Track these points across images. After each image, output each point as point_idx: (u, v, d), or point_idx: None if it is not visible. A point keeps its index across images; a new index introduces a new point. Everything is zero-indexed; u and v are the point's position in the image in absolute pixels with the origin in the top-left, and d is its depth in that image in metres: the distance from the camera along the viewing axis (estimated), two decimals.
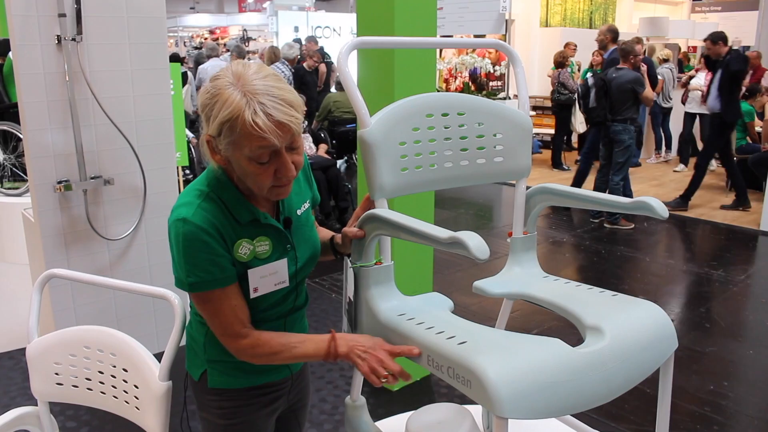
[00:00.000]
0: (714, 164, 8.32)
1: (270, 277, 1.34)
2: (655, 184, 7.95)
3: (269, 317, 1.41)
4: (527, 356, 1.11)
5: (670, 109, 8.93)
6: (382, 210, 1.32)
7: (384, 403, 2.99)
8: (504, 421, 1.05)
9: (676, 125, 9.07)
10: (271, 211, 1.37)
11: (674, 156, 9.33)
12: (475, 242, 1.03)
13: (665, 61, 8.79)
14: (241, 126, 1.15)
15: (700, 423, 2.90)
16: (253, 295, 1.32)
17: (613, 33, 7.13)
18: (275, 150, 1.19)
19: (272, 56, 7.62)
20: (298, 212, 1.42)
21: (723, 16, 13.26)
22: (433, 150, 1.44)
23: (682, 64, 11.20)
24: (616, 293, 1.39)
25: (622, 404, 2.96)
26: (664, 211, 1.32)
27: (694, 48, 13.79)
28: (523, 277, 1.58)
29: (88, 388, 1.62)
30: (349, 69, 1.33)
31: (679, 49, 11.76)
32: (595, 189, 6.02)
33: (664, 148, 9.27)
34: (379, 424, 1.76)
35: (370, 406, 1.67)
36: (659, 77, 8.58)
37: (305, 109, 1.27)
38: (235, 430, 1.47)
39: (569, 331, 1.16)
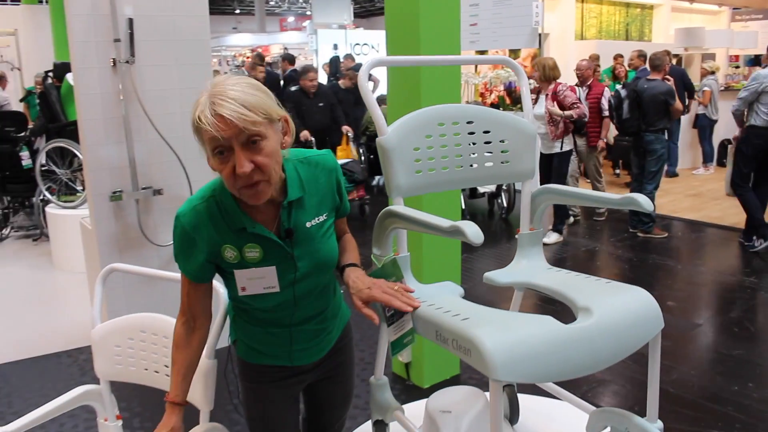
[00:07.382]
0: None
1: (258, 281, 1.43)
2: (691, 194, 7.95)
3: (273, 322, 1.54)
4: (521, 329, 1.28)
5: (716, 121, 8.92)
6: (397, 206, 1.51)
7: (415, 399, 3.14)
8: (498, 383, 1.21)
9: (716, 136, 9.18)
10: (270, 221, 1.43)
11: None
12: (471, 230, 1.21)
13: (711, 73, 8.79)
14: (195, 123, 1.26)
15: (722, 421, 2.98)
16: (241, 293, 1.45)
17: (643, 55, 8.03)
18: (228, 145, 1.25)
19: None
20: (308, 224, 1.45)
21: (764, 24, 13.12)
22: (444, 154, 1.63)
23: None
24: (609, 281, 1.54)
25: (635, 397, 3.05)
26: (649, 205, 1.47)
27: (736, 57, 13.66)
28: (529, 268, 1.74)
29: (144, 368, 1.84)
30: (367, 85, 1.53)
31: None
32: None
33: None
34: (406, 407, 1.94)
35: (403, 401, 1.83)
36: (706, 88, 8.60)
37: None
38: (252, 395, 1.65)
39: (567, 320, 1.31)
